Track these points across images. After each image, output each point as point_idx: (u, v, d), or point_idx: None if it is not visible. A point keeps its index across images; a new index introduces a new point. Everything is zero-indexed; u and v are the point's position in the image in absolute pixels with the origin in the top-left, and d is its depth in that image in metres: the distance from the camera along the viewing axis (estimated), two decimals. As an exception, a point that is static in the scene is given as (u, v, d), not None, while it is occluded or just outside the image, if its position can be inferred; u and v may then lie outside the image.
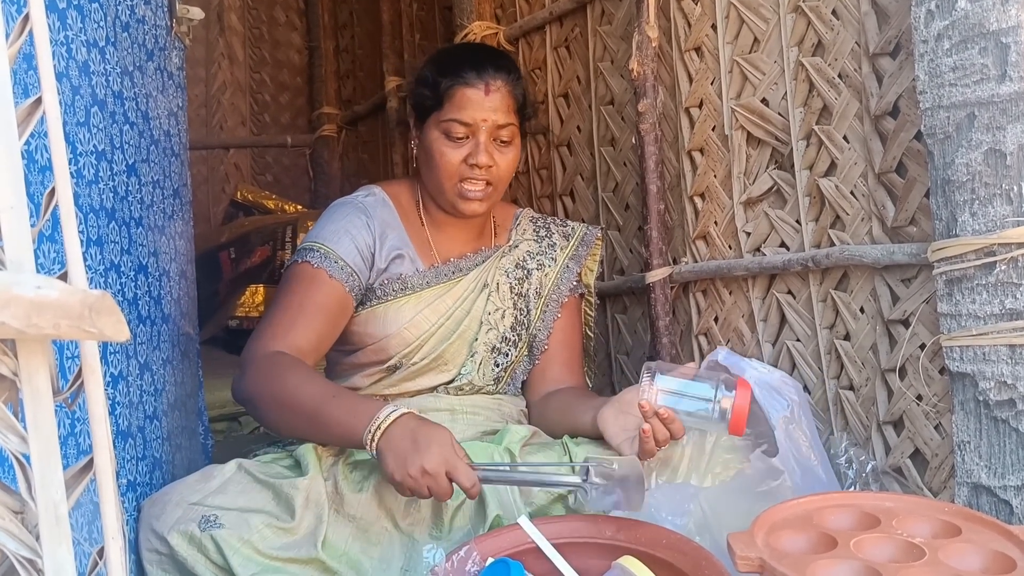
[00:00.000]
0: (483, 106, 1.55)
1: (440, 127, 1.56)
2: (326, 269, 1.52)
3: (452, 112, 1.55)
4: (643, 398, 1.32)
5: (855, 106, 1.49)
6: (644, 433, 1.31)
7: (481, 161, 1.54)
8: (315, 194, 3.95)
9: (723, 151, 1.78)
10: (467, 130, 1.55)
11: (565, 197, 2.39)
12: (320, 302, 1.50)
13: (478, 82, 1.55)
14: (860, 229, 1.49)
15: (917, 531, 0.97)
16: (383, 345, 1.56)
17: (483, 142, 1.55)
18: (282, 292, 1.54)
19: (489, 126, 1.55)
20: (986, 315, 1.19)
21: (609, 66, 2.15)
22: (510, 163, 1.60)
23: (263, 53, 4.12)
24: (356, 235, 1.56)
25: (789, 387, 1.34)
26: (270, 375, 1.39)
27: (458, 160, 1.55)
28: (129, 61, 1.49)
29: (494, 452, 1.41)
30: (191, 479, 1.43)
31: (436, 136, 1.57)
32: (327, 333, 1.52)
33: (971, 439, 1.22)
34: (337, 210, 1.62)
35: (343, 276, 1.53)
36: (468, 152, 1.55)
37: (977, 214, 1.20)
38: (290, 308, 1.49)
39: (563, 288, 1.71)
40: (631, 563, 1.15)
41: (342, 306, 1.53)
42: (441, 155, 1.56)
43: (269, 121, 4.12)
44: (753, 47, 1.70)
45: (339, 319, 1.54)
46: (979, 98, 1.18)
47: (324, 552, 1.26)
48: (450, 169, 1.55)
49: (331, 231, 1.56)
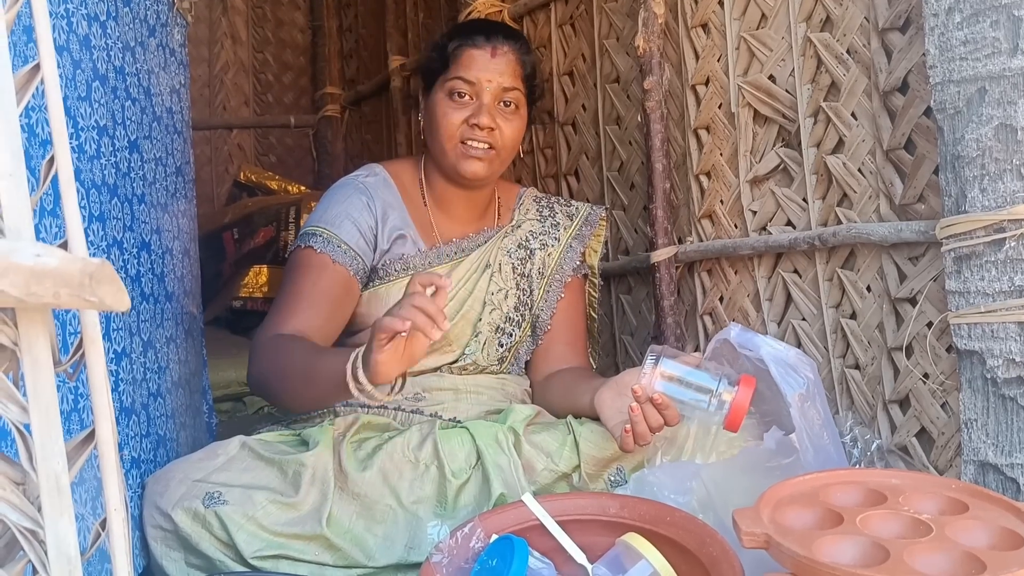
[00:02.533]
0: (488, 67, 1.55)
1: (445, 87, 1.56)
2: (329, 254, 1.51)
3: (457, 71, 1.55)
4: (641, 381, 1.31)
5: (864, 82, 1.47)
6: (633, 412, 1.29)
7: (483, 122, 1.53)
8: (318, 175, 3.93)
9: (729, 129, 1.76)
10: (471, 89, 1.55)
11: (570, 177, 2.37)
12: (324, 287, 1.50)
13: (485, 44, 1.56)
14: (868, 207, 1.48)
15: (924, 508, 0.97)
16: None
17: (487, 103, 1.54)
18: (287, 280, 1.53)
19: (494, 88, 1.55)
20: (995, 292, 1.18)
21: (615, 43, 2.13)
22: (515, 131, 1.58)
23: (266, 33, 4.09)
24: (358, 217, 1.56)
25: (805, 364, 1.33)
26: (270, 354, 1.41)
27: (459, 120, 1.54)
28: (131, 36, 1.48)
29: (498, 432, 1.40)
30: (195, 456, 1.43)
31: (440, 97, 1.57)
32: (333, 316, 1.51)
33: (978, 417, 1.21)
34: (338, 192, 1.61)
35: (347, 260, 1.52)
36: (471, 112, 1.54)
37: (987, 190, 1.18)
38: (294, 295, 1.49)
39: (566, 268, 1.70)
40: (635, 540, 1.15)
41: (347, 289, 1.53)
42: (444, 115, 1.55)
43: (272, 101, 4.10)
44: (760, 23, 1.68)
45: (345, 302, 1.53)
46: (990, 72, 1.17)
47: (328, 529, 1.26)
48: (451, 129, 1.55)
49: (333, 215, 1.55)
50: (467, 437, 1.39)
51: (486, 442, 1.36)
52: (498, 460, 1.36)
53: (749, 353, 1.37)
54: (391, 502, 1.30)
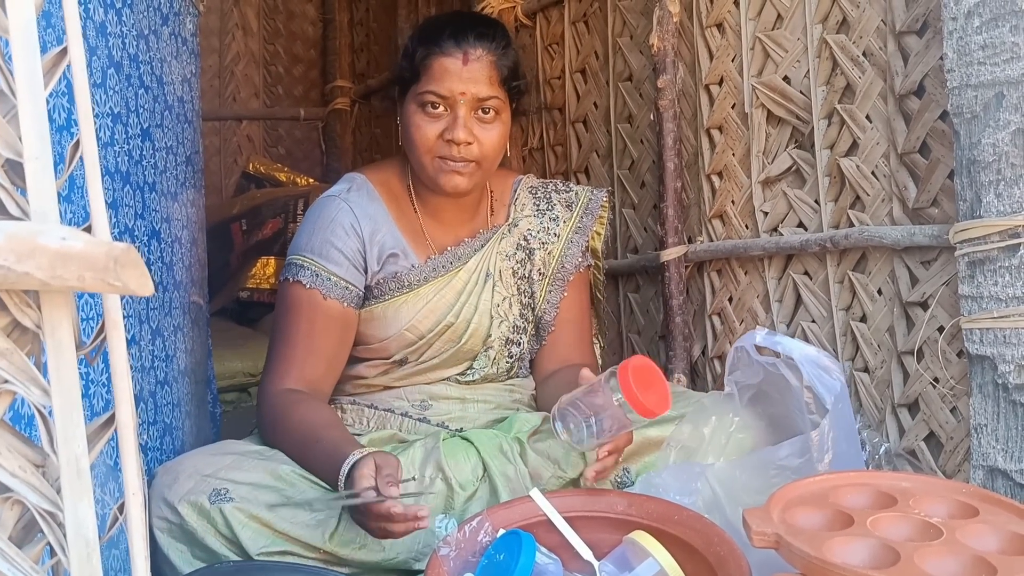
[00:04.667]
0: (461, 77, 1.43)
1: (416, 99, 1.46)
2: (320, 289, 1.46)
3: (428, 83, 1.44)
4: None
5: (879, 85, 1.47)
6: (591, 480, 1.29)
7: (459, 137, 1.42)
8: (327, 167, 3.93)
9: (742, 129, 1.76)
10: (444, 103, 1.44)
11: (580, 174, 2.37)
12: (320, 328, 1.46)
13: (456, 51, 1.44)
14: (880, 210, 1.47)
15: (934, 511, 0.96)
16: (384, 346, 1.52)
17: (462, 116, 1.43)
18: (282, 320, 1.49)
19: (468, 99, 1.43)
20: (1008, 297, 1.18)
21: (628, 41, 2.13)
22: (495, 140, 1.47)
23: (277, 24, 4.09)
24: (344, 244, 1.48)
25: (835, 366, 1.32)
26: (275, 414, 1.42)
27: (434, 135, 1.44)
28: (145, 24, 1.48)
29: (502, 442, 1.40)
30: (206, 450, 1.43)
31: (413, 109, 1.46)
32: (336, 354, 1.49)
33: (988, 422, 1.21)
34: (321, 213, 1.52)
35: (338, 292, 1.47)
36: (445, 126, 1.44)
37: (1003, 195, 1.18)
38: (292, 342, 1.46)
39: (568, 267, 1.62)
40: (642, 538, 1.15)
41: (344, 323, 1.49)
42: (417, 129, 1.45)
43: (282, 93, 4.10)
44: (776, 24, 1.68)
45: (346, 334, 1.50)
46: (1009, 77, 1.16)
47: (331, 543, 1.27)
48: (426, 144, 1.45)
49: (319, 242, 1.48)
50: (472, 450, 1.38)
51: (491, 453, 1.36)
52: (505, 470, 1.35)
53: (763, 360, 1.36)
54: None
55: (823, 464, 1.26)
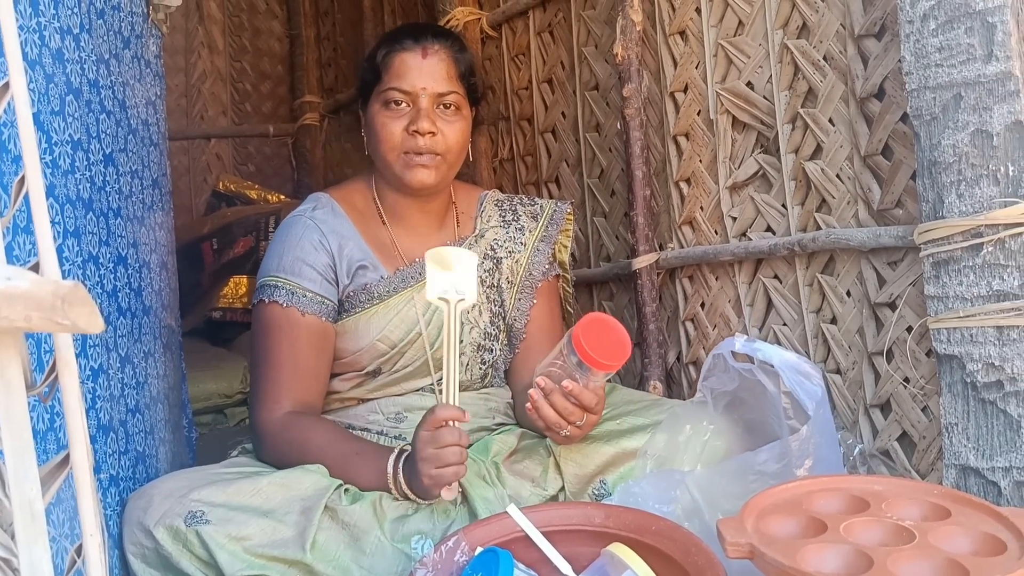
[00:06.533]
0: (421, 71, 1.49)
1: (380, 98, 1.51)
2: (296, 306, 1.48)
3: (390, 80, 1.50)
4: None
5: (840, 88, 1.48)
6: (530, 407, 1.32)
7: (423, 127, 1.47)
8: (298, 184, 3.91)
9: (708, 136, 1.77)
10: (407, 98, 1.50)
11: (551, 184, 2.37)
12: (304, 345, 1.48)
13: (415, 46, 1.51)
14: (846, 212, 1.49)
15: (907, 514, 0.97)
16: (356, 358, 1.53)
17: (424, 108, 1.49)
18: (263, 344, 1.50)
19: (429, 91, 1.49)
20: (973, 297, 1.19)
21: (593, 51, 2.14)
22: (458, 133, 1.52)
23: (243, 41, 4.07)
24: (315, 260, 1.51)
25: (815, 372, 1.33)
26: (287, 438, 1.43)
27: (399, 129, 1.49)
28: (105, 49, 1.46)
29: (480, 467, 1.40)
30: (180, 473, 1.41)
31: (377, 109, 1.52)
32: (322, 370, 1.51)
33: (959, 421, 1.22)
34: (289, 233, 1.55)
35: (315, 307, 1.49)
36: (409, 120, 1.49)
37: (964, 195, 1.19)
38: (278, 364, 1.47)
39: (535, 274, 1.65)
40: (620, 550, 1.15)
41: (324, 337, 1.51)
42: (383, 126, 1.50)
43: (250, 110, 4.07)
44: (738, 30, 1.69)
45: (327, 347, 1.52)
46: (965, 79, 1.18)
47: (312, 555, 1.25)
48: (392, 140, 1.49)
49: (290, 261, 1.51)
50: None
51: (469, 480, 1.35)
52: (484, 494, 1.35)
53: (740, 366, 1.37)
54: (380, 535, 1.29)
55: (803, 469, 1.27)
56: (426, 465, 1.26)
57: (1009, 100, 1.14)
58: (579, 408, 1.32)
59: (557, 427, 1.33)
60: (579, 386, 1.30)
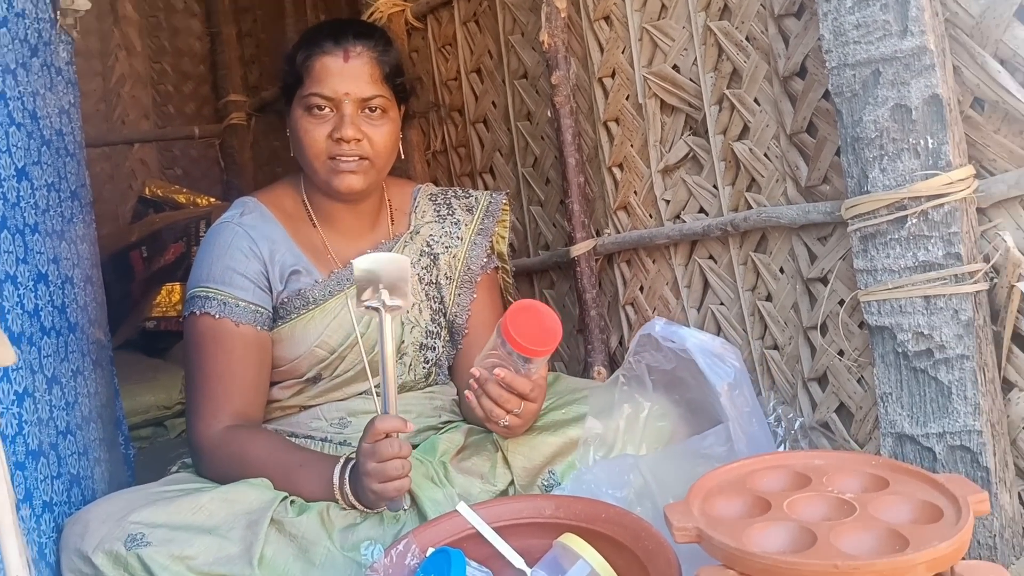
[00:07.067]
0: (343, 75, 1.44)
1: (302, 103, 1.46)
2: (230, 317, 1.44)
3: (312, 85, 1.45)
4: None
5: (764, 68, 1.50)
6: (468, 399, 1.33)
7: (347, 134, 1.43)
8: (227, 185, 3.83)
9: (638, 120, 1.78)
10: (329, 103, 1.45)
11: (485, 174, 2.36)
12: (240, 356, 1.44)
13: (336, 50, 1.45)
14: (775, 190, 1.51)
15: (847, 486, 0.99)
16: (295, 365, 1.50)
17: (348, 114, 1.44)
18: (197, 357, 1.46)
19: (353, 96, 1.44)
20: (900, 268, 1.22)
21: (520, 39, 2.13)
22: (385, 136, 1.47)
23: (162, 42, 3.95)
24: (246, 268, 1.46)
25: (730, 353, 1.35)
26: (229, 461, 1.39)
27: (323, 136, 1.45)
28: (10, 58, 1.40)
29: (428, 467, 1.38)
30: (118, 494, 1.37)
31: (300, 114, 1.47)
32: (261, 380, 1.48)
33: (892, 390, 1.25)
34: (217, 241, 1.50)
35: (249, 317, 1.45)
36: (333, 126, 1.44)
37: (887, 169, 1.22)
38: (214, 376, 1.43)
39: (474, 268, 1.63)
40: (572, 540, 1.15)
41: (261, 347, 1.47)
42: (306, 132, 1.45)
43: (174, 112, 3.96)
44: (661, 13, 1.69)
45: (264, 356, 1.48)
46: (883, 54, 1.20)
47: (261, 570, 1.22)
48: (316, 147, 1.45)
49: (220, 270, 1.46)
50: None
51: (417, 482, 1.34)
52: (433, 496, 1.34)
53: (674, 345, 1.38)
54: (329, 545, 1.27)
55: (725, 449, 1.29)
56: (369, 479, 1.24)
57: (925, 74, 1.17)
58: (515, 396, 1.31)
59: (496, 417, 1.32)
60: (511, 373, 1.29)
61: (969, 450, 1.17)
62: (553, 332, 1.29)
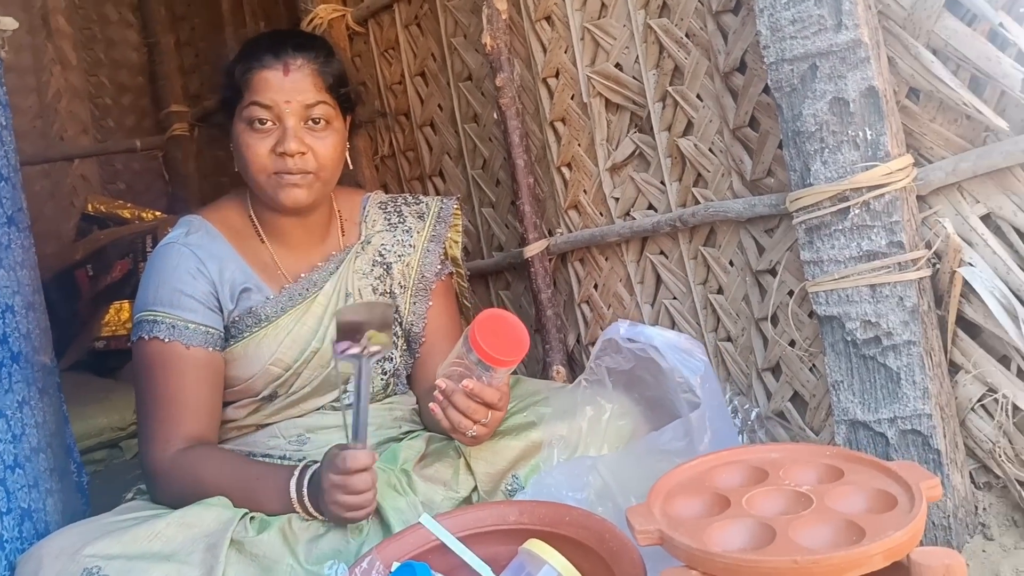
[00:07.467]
0: (283, 87, 1.41)
1: (243, 118, 1.43)
2: (179, 340, 1.41)
3: (251, 97, 1.42)
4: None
5: (705, 64, 1.51)
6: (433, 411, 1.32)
7: (290, 148, 1.39)
8: (172, 198, 3.76)
9: (584, 119, 1.78)
10: (270, 115, 1.41)
11: (435, 178, 2.35)
12: (191, 379, 1.41)
13: (275, 63, 1.42)
14: (721, 185, 1.52)
15: (803, 478, 1.00)
16: (250, 384, 1.47)
17: (291, 127, 1.40)
18: (148, 382, 1.43)
19: (295, 108, 1.41)
20: (845, 259, 1.24)
21: (463, 41, 2.12)
22: (331, 147, 1.44)
23: (98, 54, 3.85)
24: (194, 289, 1.43)
25: (696, 348, 1.36)
26: (183, 484, 1.36)
27: (265, 150, 1.41)
28: (-66, 83, 1.35)
29: (390, 476, 1.37)
30: (71, 527, 1.33)
31: (242, 128, 1.43)
32: (214, 402, 1.44)
33: (844, 378, 1.27)
34: (163, 262, 1.46)
35: (200, 339, 1.42)
36: (276, 140, 1.41)
37: (828, 162, 1.23)
38: (166, 401, 1.40)
39: (428, 275, 1.61)
40: (537, 547, 1.15)
41: (213, 368, 1.44)
42: (247, 148, 1.42)
43: (113, 126, 3.87)
44: (601, 12, 1.70)
45: (217, 379, 1.45)
46: (819, 49, 1.22)
47: None
48: (259, 161, 1.41)
49: (167, 293, 1.43)
50: None
51: (380, 490, 1.33)
52: (396, 504, 1.32)
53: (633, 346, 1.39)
54: (291, 562, 1.25)
55: (703, 445, 1.30)
56: (338, 508, 1.23)
57: (861, 67, 1.19)
58: (483, 406, 1.31)
59: (463, 428, 1.31)
60: (480, 384, 1.29)
61: (920, 433, 1.19)
62: (521, 342, 1.28)
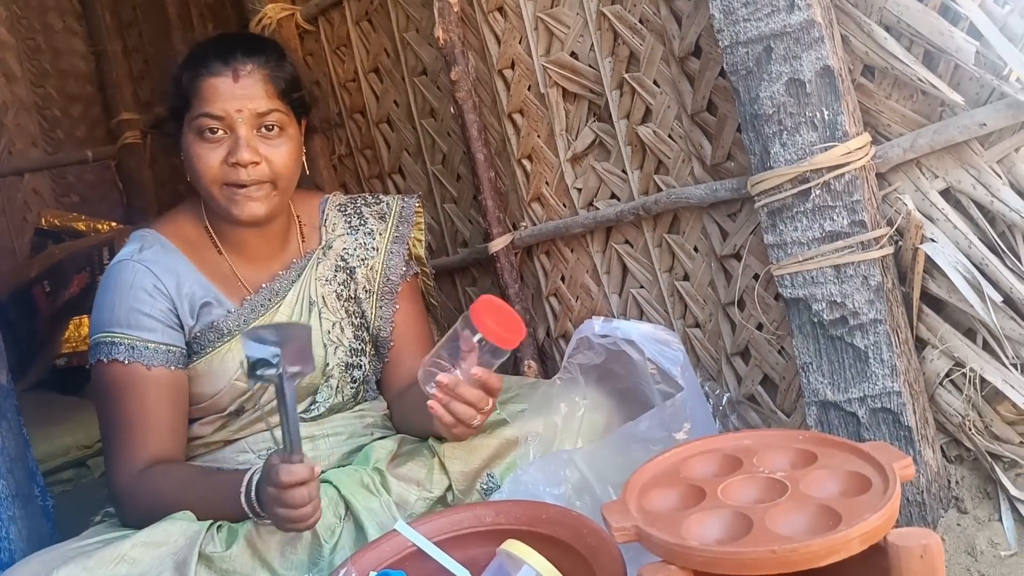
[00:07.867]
0: (233, 94, 1.35)
1: (193, 127, 1.37)
2: (140, 361, 1.36)
3: (201, 108, 1.36)
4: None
5: (660, 50, 1.50)
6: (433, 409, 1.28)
7: (243, 158, 1.34)
8: (129, 207, 3.68)
9: (542, 110, 1.76)
10: (221, 124, 1.36)
11: (395, 175, 2.32)
12: (154, 401, 1.37)
13: (225, 70, 1.36)
14: (682, 171, 1.51)
15: (777, 464, 1.00)
16: (216, 401, 1.43)
17: (243, 136, 1.35)
18: (110, 404, 1.39)
19: (247, 117, 1.36)
20: (808, 240, 1.24)
21: (416, 36, 2.09)
22: (286, 155, 1.39)
23: (44, 65, 3.75)
24: (152, 308, 1.38)
25: (672, 338, 1.36)
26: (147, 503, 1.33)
27: (217, 161, 1.36)
28: None
29: (362, 475, 1.35)
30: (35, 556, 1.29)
31: (192, 139, 1.37)
32: (178, 421, 1.41)
33: (812, 359, 1.27)
34: (117, 280, 1.41)
35: (161, 359, 1.38)
36: (228, 150, 1.36)
37: (787, 144, 1.23)
38: (127, 423, 1.36)
39: (393, 278, 1.57)
40: (515, 547, 1.13)
41: (177, 386, 1.40)
42: (199, 159, 1.36)
43: (63, 137, 3.78)
44: (554, 1, 1.68)
45: (181, 398, 1.41)
46: (773, 30, 1.21)
47: None
48: (211, 174, 1.36)
49: (124, 313, 1.38)
50: (330, 489, 1.32)
51: (352, 490, 1.30)
52: (369, 505, 1.30)
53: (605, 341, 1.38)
54: (264, 574, 1.23)
55: (682, 432, 1.29)
56: (279, 521, 1.20)
57: (815, 47, 1.18)
58: (487, 394, 1.29)
59: (468, 419, 1.28)
60: (486, 371, 1.27)
61: (890, 411, 1.20)
62: (519, 323, 1.30)
